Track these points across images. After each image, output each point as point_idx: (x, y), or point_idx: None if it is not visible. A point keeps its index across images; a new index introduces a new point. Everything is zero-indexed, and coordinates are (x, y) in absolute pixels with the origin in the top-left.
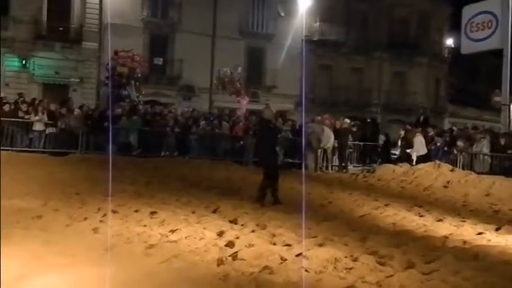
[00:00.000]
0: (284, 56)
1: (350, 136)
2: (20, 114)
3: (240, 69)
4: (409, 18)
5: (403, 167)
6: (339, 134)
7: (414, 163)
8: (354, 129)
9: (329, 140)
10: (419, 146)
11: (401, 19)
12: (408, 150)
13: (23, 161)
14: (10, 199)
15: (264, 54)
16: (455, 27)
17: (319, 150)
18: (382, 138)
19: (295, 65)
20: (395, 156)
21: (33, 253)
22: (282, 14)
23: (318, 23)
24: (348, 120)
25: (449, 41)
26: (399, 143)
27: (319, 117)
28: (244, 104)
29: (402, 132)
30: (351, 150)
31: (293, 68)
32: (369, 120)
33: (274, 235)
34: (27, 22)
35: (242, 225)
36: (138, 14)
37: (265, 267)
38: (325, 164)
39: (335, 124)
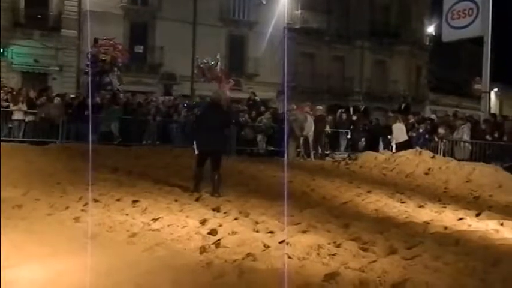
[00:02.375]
0: (266, 44)
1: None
2: None
3: (218, 55)
4: (390, 7)
5: (385, 154)
6: (315, 121)
7: (394, 150)
8: (344, 116)
9: (311, 128)
10: (399, 133)
11: (382, 7)
12: (389, 137)
13: (2, 151)
14: None
15: (245, 42)
16: (436, 15)
17: (301, 138)
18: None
19: (277, 53)
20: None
21: (14, 243)
22: (264, 2)
23: (299, 11)
24: (320, 107)
25: (431, 29)
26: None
27: (295, 106)
28: (227, 88)
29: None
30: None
31: (275, 56)
32: (351, 108)
33: (257, 222)
34: (4, 9)
35: (225, 213)
36: (117, 1)
37: (249, 255)
38: (307, 152)
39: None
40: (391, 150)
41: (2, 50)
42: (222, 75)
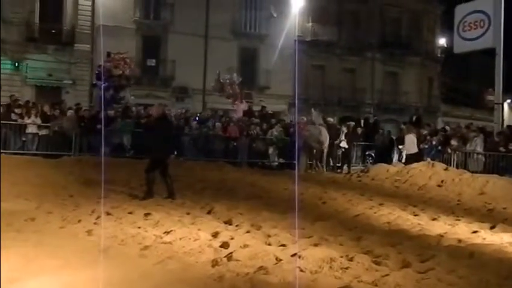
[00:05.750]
0: (277, 57)
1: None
2: (14, 117)
3: (235, 74)
4: (401, 18)
5: (397, 166)
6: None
7: (404, 160)
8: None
9: (326, 140)
10: (409, 144)
11: (393, 19)
12: (400, 147)
13: (15, 164)
14: (3, 202)
15: (256, 54)
16: (447, 26)
17: (314, 150)
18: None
19: (288, 66)
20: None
21: (26, 256)
22: (275, 15)
23: (310, 24)
24: (331, 119)
25: (442, 41)
26: (343, 136)
27: (304, 119)
28: (241, 109)
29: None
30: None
31: (286, 69)
32: (362, 120)
33: (269, 235)
34: (19, 24)
35: (237, 226)
36: (130, 15)
37: (260, 268)
38: (321, 164)
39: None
40: (401, 161)
41: (16, 64)
42: (240, 94)
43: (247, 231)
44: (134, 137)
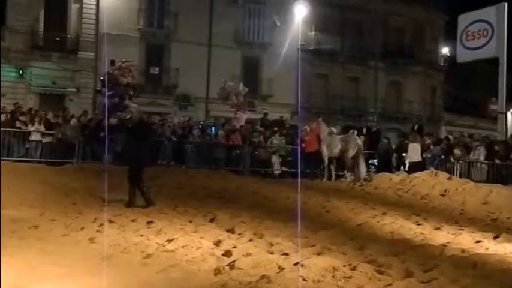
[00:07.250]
0: (280, 65)
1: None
2: (18, 124)
3: (241, 84)
4: (404, 27)
5: (400, 175)
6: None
7: (406, 169)
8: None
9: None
10: (412, 153)
11: (396, 28)
12: (404, 154)
13: (19, 171)
14: (7, 209)
15: (260, 63)
16: (450, 36)
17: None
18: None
19: (291, 74)
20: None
21: (29, 263)
22: (278, 24)
23: (313, 33)
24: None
25: (445, 50)
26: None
27: (308, 128)
28: (244, 118)
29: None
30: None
31: (289, 77)
32: (365, 129)
33: (271, 244)
34: (23, 32)
35: (239, 234)
36: (134, 23)
37: (263, 277)
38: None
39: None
40: (404, 169)
41: (20, 71)
42: (244, 104)
43: (250, 240)
44: None
